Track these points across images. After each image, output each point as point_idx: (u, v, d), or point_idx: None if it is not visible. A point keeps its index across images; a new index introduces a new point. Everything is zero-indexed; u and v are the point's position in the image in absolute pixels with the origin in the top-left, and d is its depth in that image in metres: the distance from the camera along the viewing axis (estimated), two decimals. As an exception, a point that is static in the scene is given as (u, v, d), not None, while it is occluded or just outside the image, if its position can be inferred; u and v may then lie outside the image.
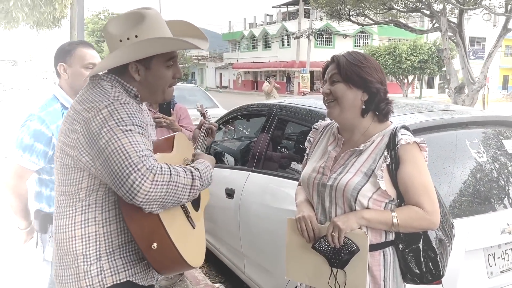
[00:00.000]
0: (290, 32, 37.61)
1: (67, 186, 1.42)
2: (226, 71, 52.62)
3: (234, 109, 3.79)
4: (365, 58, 1.65)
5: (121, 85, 1.47)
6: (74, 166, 1.38)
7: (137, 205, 1.26)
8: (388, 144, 1.62)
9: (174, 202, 1.32)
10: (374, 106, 1.65)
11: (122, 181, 1.23)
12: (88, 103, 1.37)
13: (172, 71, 1.54)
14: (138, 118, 1.36)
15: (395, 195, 1.62)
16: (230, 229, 3.33)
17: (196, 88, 9.76)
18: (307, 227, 1.66)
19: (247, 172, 3.14)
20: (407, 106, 2.76)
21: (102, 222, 1.40)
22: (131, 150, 1.25)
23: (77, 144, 1.35)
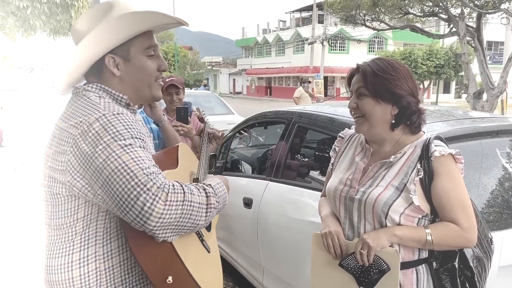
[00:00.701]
0: (303, 37, 37.57)
1: (60, 218, 1.23)
2: (239, 77, 52.74)
3: (252, 116, 3.72)
4: (393, 67, 1.53)
5: (108, 94, 1.30)
6: (68, 194, 1.19)
7: (148, 232, 1.09)
8: (421, 156, 1.52)
9: (190, 226, 1.15)
10: (405, 119, 1.55)
11: (130, 204, 1.06)
12: (75, 118, 1.18)
13: (155, 62, 1.36)
14: (137, 130, 1.18)
15: (429, 210, 1.52)
16: (247, 240, 3.26)
17: (211, 94, 9.72)
18: (334, 243, 1.57)
19: (265, 181, 3.06)
20: (433, 114, 2.65)
21: (103, 256, 1.22)
22: (135, 167, 1.08)
23: (68, 167, 1.16)
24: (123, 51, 1.30)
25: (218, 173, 3.76)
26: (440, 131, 2.16)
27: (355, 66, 1.63)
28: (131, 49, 1.31)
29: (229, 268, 3.74)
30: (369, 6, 13.69)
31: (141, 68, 1.33)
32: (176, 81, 3.39)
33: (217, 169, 3.76)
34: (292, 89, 42.26)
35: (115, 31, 1.27)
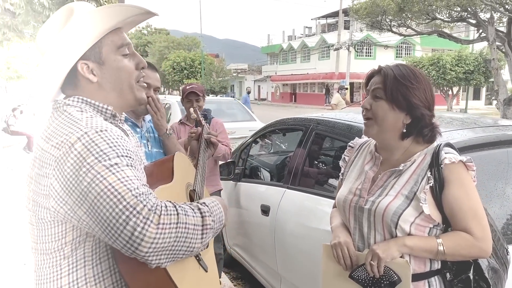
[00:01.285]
0: (329, 43, 37.40)
1: (47, 243, 1.14)
2: (264, 83, 52.89)
3: (271, 123, 3.72)
4: (416, 77, 1.49)
5: (91, 106, 1.20)
6: (52, 219, 1.10)
7: (140, 259, 1.01)
8: (431, 164, 1.48)
9: (186, 251, 1.07)
10: (417, 131, 1.51)
11: (119, 230, 0.97)
12: (56, 138, 1.08)
13: (132, 60, 1.26)
14: (122, 147, 1.08)
15: (440, 219, 1.48)
16: (265, 247, 3.24)
17: (233, 101, 9.77)
18: (344, 254, 1.54)
19: (282, 188, 3.05)
20: (454, 121, 2.59)
21: (94, 278, 1.14)
22: (123, 189, 0.99)
23: (51, 192, 1.06)
24: (95, 54, 1.20)
25: (236, 179, 3.76)
26: (459, 140, 2.10)
27: (377, 67, 1.60)
28: (102, 50, 1.20)
29: (248, 274, 3.73)
30: (395, 11, 13.55)
31: (118, 69, 1.22)
32: (196, 88, 3.41)
33: (235, 176, 3.77)
34: (317, 95, 42.33)
35: (80, 33, 1.17)
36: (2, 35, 10.05)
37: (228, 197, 3.93)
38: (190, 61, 38.96)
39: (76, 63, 1.18)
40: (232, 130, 7.10)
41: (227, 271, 4.29)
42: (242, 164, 3.90)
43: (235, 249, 3.95)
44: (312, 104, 38.43)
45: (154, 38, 48.39)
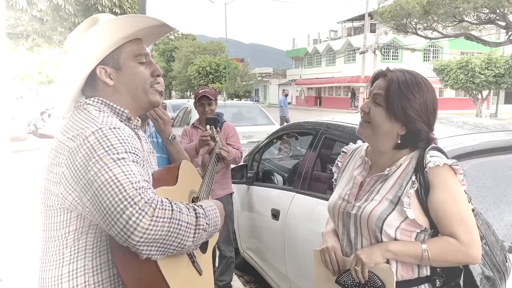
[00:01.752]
0: (355, 47, 37.05)
1: (53, 230, 1.22)
2: (289, 87, 52.74)
3: (282, 127, 3.71)
4: (420, 91, 1.46)
5: (109, 108, 1.30)
6: (60, 206, 1.19)
7: (132, 248, 1.06)
8: (416, 168, 1.45)
9: (177, 246, 1.12)
10: (412, 143, 1.50)
11: (116, 217, 1.04)
12: (72, 131, 1.19)
13: (148, 68, 1.37)
14: (131, 145, 1.18)
15: (428, 224, 1.44)
16: (275, 252, 3.23)
17: (253, 105, 9.83)
18: (331, 259, 1.54)
19: (292, 193, 3.04)
20: (465, 125, 2.53)
21: (92, 270, 1.20)
22: (125, 181, 1.07)
23: (61, 179, 1.16)
24: (113, 60, 1.31)
25: (249, 183, 3.77)
26: (467, 144, 2.05)
27: (385, 68, 1.57)
28: (121, 57, 1.32)
29: (260, 278, 3.72)
30: (420, 14, 13.33)
31: (134, 75, 1.33)
32: (208, 92, 3.45)
33: (248, 179, 3.77)
34: (343, 99, 41.99)
35: (99, 40, 1.27)
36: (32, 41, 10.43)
37: (240, 201, 3.94)
38: (215, 65, 39.32)
39: (95, 67, 1.29)
40: (250, 134, 7.14)
41: (241, 274, 4.30)
42: (255, 168, 3.90)
43: (248, 253, 3.95)
44: (337, 108, 38.12)
45: (180, 43, 49.07)
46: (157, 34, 1.47)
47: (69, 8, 7.51)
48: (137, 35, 1.36)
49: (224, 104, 9.26)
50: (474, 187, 1.97)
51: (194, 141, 3.35)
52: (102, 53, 1.29)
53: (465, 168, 2.05)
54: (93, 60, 1.28)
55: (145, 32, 1.38)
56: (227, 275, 3.55)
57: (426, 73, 8.96)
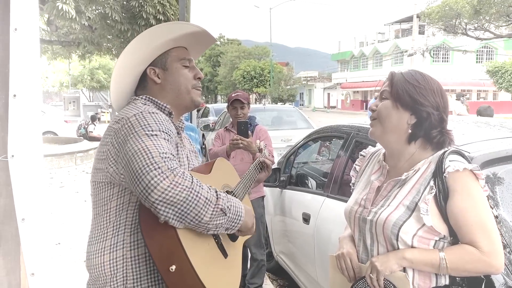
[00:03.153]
0: (403, 49, 36.10)
1: (99, 207, 1.39)
2: (334, 91, 52.22)
3: (314, 131, 3.68)
4: (425, 79, 1.45)
5: (154, 103, 1.49)
6: (105, 181, 1.36)
7: (150, 207, 1.18)
8: (434, 173, 1.39)
9: (194, 217, 1.20)
10: (424, 132, 1.43)
11: (141, 178, 1.17)
12: (119, 117, 1.39)
13: (191, 71, 1.56)
14: (165, 126, 1.34)
15: (447, 231, 1.38)
16: (306, 256, 3.20)
17: (293, 109, 9.81)
18: (347, 265, 1.51)
19: (322, 197, 3.00)
20: (503, 129, 2.39)
21: (130, 245, 1.33)
22: (154, 150, 1.21)
23: (107, 156, 1.34)
24: (161, 62, 1.52)
25: (282, 187, 3.76)
26: (500, 149, 1.94)
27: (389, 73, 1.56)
28: (167, 60, 1.53)
29: (294, 283, 3.70)
30: (470, 14, 12.76)
31: (179, 75, 1.53)
32: (240, 96, 3.48)
33: (281, 183, 3.77)
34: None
35: (148, 42, 1.48)
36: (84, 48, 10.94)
37: (274, 204, 3.94)
38: (259, 70, 39.61)
39: (146, 68, 1.51)
40: (288, 138, 7.13)
41: (275, 278, 4.29)
42: (288, 171, 3.89)
43: (281, 257, 3.94)
44: (383, 112, 37.20)
45: (226, 48, 49.82)
46: (201, 45, 1.66)
47: (116, 16, 7.84)
48: (181, 43, 1.56)
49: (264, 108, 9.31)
50: (508, 194, 1.86)
51: (226, 144, 3.39)
52: (151, 55, 1.50)
53: (500, 173, 1.95)
54: (144, 61, 1.49)
55: (189, 41, 1.58)
56: (258, 278, 3.56)
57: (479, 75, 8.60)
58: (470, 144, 2.01)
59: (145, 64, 1.50)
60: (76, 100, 21.42)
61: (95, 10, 8.23)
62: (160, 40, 1.49)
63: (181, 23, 1.59)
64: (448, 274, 1.36)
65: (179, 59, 1.54)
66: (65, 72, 36.81)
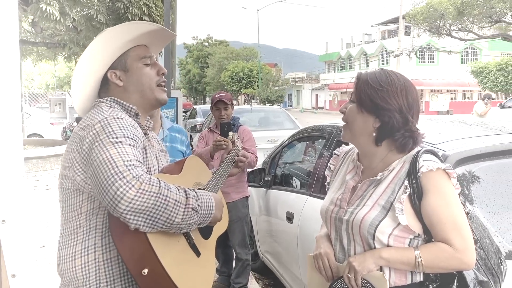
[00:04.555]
0: (389, 50, 36.44)
1: (68, 212, 1.38)
2: (322, 92, 52.44)
3: (298, 131, 3.72)
4: (389, 80, 1.44)
5: (119, 105, 1.46)
6: (73, 188, 1.35)
7: (120, 216, 1.17)
8: (408, 172, 1.42)
9: (165, 222, 1.20)
10: (387, 135, 1.46)
11: (107, 189, 1.16)
12: (84, 123, 1.37)
13: (153, 68, 1.52)
14: (130, 132, 1.32)
15: (421, 230, 1.41)
16: (290, 255, 3.23)
17: (279, 110, 9.85)
18: (324, 265, 1.53)
19: (305, 196, 3.04)
20: (479, 127, 2.46)
21: (101, 248, 1.33)
22: (118, 159, 1.21)
23: (73, 163, 1.33)
24: (121, 64, 1.48)
25: (267, 186, 3.79)
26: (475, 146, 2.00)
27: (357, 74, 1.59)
28: (127, 60, 1.48)
29: (279, 282, 3.73)
30: (454, 15, 12.95)
31: (141, 75, 1.49)
32: (224, 97, 3.50)
33: (265, 183, 3.80)
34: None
35: (106, 46, 1.43)
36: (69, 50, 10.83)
37: (259, 204, 3.97)
38: (248, 71, 39.58)
39: (106, 72, 1.47)
40: (275, 138, 7.17)
41: (260, 278, 4.32)
42: (273, 171, 3.92)
43: (266, 256, 3.97)
44: (370, 112, 37.46)
45: (214, 49, 49.70)
46: (161, 41, 1.62)
47: (101, 17, 7.78)
48: (141, 41, 1.51)
49: (251, 109, 9.34)
50: (481, 191, 1.92)
51: (210, 145, 3.41)
52: (110, 58, 1.46)
53: (474, 171, 2.01)
54: (104, 65, 1.46)
55: (148, 39, 1.53)
56: (243, 277, 3.58)
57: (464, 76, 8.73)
58: (446, 143, 2.06)
59: (105, 68, 1.47)
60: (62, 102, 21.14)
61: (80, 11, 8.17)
62: (118, 42, 1.45)
63: (137, 23, 1.56)
64: (423, 272, 1.40)
65: (139, 58, 1.50)
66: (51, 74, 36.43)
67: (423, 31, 15.07)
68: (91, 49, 1.43)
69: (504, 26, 13.74)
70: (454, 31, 14.36)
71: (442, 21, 13.88)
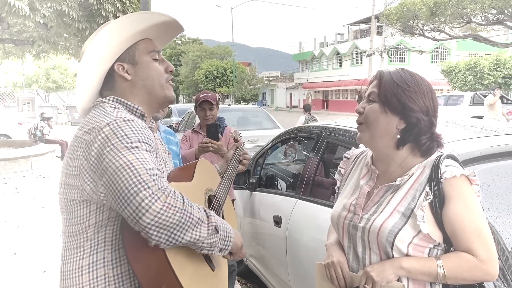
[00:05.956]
0: (361, 50, 36.94)
1: (74, 225, 1.26)
2: (296, 91, 52.73)
3: (285, 131, 3.63)
4: (414, 80, 1.38)
5: (124, 105, 1.34)
6: (80, 199, 1.23)
7: (142, 231, 1.08)
8: (430, 178, 1.34)
9: (189, 240, 1.13)
10: (413, 138, 1.38)
11: (129, 199, 1.06)
12: (88, 126, 1.24)
13: (162, 64, 1.42)
14: (145, 135, 1.21)
15: (441, 238, 1.34)
16: (278, 260, 3.15)
17: (258, 109, 9.76)
18: (337, 274, 1.43)
19: (294, 199, 2.95)
20: (473, 128, 2.42)
21: (112, 263, 1.23)
22: (139, 166, 1.10)
23: (80, 171, 1.20)
24: (129, 56, 1.36)
25: (252, 189, 3.69)
26: (475, 149, 1.95)
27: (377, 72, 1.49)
28: (136, 53, 1.37)
29: (263, 286, 3.64)
30: (427, 15, 13.18)
31: (149, 69, 1.38)
32: (209, 97, 3.38)
33: (250, 185, 3.69)
34: (349, 102, 41.86)
35: (114, 36, 1.32)
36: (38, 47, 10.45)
37: (243, 207, 3.87)
38: (222, 69, 39.37)
39: (113, 64, 1.34)
40: (255, 138, 7.07)
41: (244, 282, 4.22)
42: (258, 173, 3.83)
43: (251, 261, 3.87)
44: (344, 111, 37.95)
45: (187, 48, 49.23)
46: (167, 35, 1.52)
47: (73, 14, 7.49)
48: (148, 34, 1.41)
49: (229, 108, 9.22)
50: (482, 194, 1.87)
51: (194, 147, 3.28)
52: (118, 49, 1.34)
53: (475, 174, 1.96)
54: (111, 57, 1.33)
55: (156, 32, 1.43)
56: (229, 283, 3.46)
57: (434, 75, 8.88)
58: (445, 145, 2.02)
59: (112, 60, 1.34)
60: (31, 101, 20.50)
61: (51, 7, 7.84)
62: (127, 33, 1.34)
63: (148, 12, 1.44)
64: (444, 283, 1.33)
65: (148, 51, 1.39)
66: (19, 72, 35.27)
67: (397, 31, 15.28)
68: (98, 40, 1.31)
69: (474, 26, 14.09)
70: (427, 31, 14.62)
71: (415, 21, 14.10)
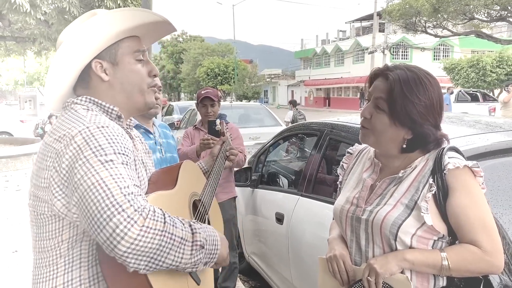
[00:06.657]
0: (363, 47, 36.83)
1: (45, 240, 1.14)
2: (298, 88, 52.66)
3: (287, 128, 3.61)
4: (425, 91, 1.33)
5: (98, 106, 1.21)
6: (51, 213, 1.11)
7: (118, 259, 0.98)
8: (433, 170, 1.33)
9: (170, 263, 1.04)
10: (419, 147, 1.38)
11: (102, 225, 0.96)
12: (58, 132, 1.11)
13: (146, 66, 1.28)
14: (121, 144, 1.09)
15: (446, 230, 1.33)
16: (280, 257, 3.13)
17: (260, 106, 9.74)
18: (340, 268, 1.42)
19: (296, 196, 2.93)
20: (477, 125, 2.40)
21: (89, 280, 1.12)
22: (113, 185, 0.99)
23: (50, 183, 1.08)
24: (110, 55, 1.22)
25: (253, 186, 3.67)
26: (480, 144, 1.93)
27: (384, 66, 1.45)
28: (118, 52, 1.23)
29: (266, 284, 3.63)
30: (429, 12, 13.11)
31: (132, 71, 1.24)
32: (211, 93, 3.36)
33: (252, 182, 3.67)
34: (352, 99, 41.77)
35: (97, 31, 1.19)
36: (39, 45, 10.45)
37: (245, 204, 3.85)
38: (223, 67, 39.37)
39: (91, 61, 1.20)
40: (257, 135, 7.05)
41: (246, 280, 4.20)
42: (259, 170, 3.81)
43: (253, 258, 3.86)
44: (346, 108, 37.88)
45: (189, 45, 49.23)
46: (157, 33, 1.37)
47: (74, 10, 7.48)
48: (136, 32, 1.27)
49: (231, 106, 9.20)
50: (487, 190, 1.85)
51: (195, 143, 3.26)
52: (99, 46, 1.20)
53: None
54: (90, 53, 1.19)
55: (144, 30, 1.29)
56: (230, 281, 3.45)
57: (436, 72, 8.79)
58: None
59: (91, 56, 1.19)
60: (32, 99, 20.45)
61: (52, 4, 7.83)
62: (113, 30, 1.20)
63: (138, 9, 1.30)
64: (448, 275, 1.31)
65: (132, 51, 1.25)
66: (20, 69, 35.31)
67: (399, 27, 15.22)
68: (78, 33, 1.19)
69: (477, 23, 14.02)
70: (429, 28, 14.56)
71: (417, 17, 14.05)
